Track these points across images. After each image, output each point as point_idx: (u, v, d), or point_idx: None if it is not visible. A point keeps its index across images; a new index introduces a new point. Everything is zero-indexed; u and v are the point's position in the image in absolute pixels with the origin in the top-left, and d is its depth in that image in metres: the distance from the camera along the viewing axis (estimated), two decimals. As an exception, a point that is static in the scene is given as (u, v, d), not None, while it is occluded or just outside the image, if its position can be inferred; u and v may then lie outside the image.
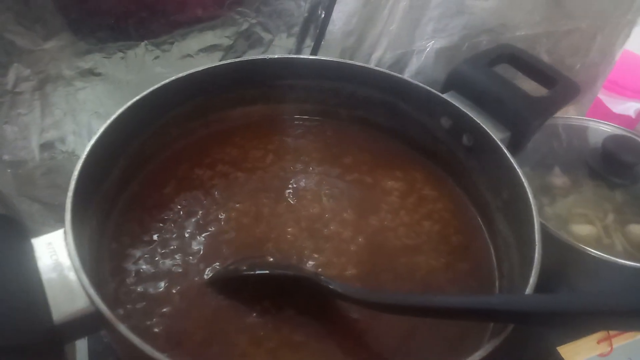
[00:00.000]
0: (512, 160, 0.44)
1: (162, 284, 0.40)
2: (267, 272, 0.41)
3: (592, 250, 0.52)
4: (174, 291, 0.40)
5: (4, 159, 0.60)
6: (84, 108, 0.60)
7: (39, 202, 0.65)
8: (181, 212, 0.46)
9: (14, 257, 0.31)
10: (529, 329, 0.49)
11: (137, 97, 0.45)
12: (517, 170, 0.44)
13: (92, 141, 0.40)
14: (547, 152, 0.75)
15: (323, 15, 0.64)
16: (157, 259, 0.42)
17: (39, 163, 0.62)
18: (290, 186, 0.50)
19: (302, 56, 0.55)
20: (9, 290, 0.29)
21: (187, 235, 0.44)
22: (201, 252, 0.43)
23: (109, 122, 0.42)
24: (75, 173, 0.37)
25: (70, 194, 0.35)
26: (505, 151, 0.45)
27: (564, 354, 0.55)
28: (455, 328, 0.39)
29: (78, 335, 0.31)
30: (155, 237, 0.43)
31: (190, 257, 0.42)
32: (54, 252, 0.32)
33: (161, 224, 0.44)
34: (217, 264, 0.42)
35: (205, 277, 0.41)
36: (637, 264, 0.51)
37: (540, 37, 0.81)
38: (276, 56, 0.53)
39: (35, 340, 0.27)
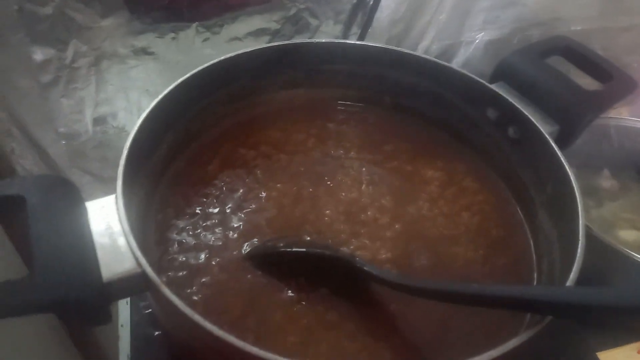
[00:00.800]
0: (560, 154, 0.43)
1: (203, 255, 0.42)
2: (303, 250, 0.41)
3: (638, 256, 0.50)
4: (213, 263, 0.41)
5: (59, 131, 0.63)
6: (135, 85, 0.62)
7: (89, 174, 0.68)
8: (223, 189, 0.47)
9: (70, 217, 0.32)
10: (569, 332, 0.48)
11: (186, 76, 0.46)
12: (565, 165, 0.43)
13: (143, 116, 0.41)
14: (596, 153, 0.72)
15: (372, 2, 0.64)
16: (199, 231, 0.43)
17: (92, 136, 0.65)
18: (330, 170, 0.50)
19: (347, 41, 0.55)
20: (63, 248, 0.30)
21: (228, 210, 0.45)
22: (241, 228, 0.44)
23: (158, 99, 0.43)
24: (127, 144, 0.38)
25: (122, 162, 0.37)
26: (554, 145, 0.44)
27: (604, 359, 0.53)
28: (492, 319, 0.39)
29: (124, 294, 0.33)
30: (198, 210, 0.45)
31: (230, 232, 0.43)
32: (106, 216, 0.34)
33: (204, 199, 0.46)
34: (256, 239, 0.43)
35: (243, 251, 0.42)
36: (686, 273, 0.49)
37: (596, 33, 0.78)
38: (322, 40, 0.53)
39: (85, 296, 0.29)
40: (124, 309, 0.47)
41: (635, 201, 0.66)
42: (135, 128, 0.41)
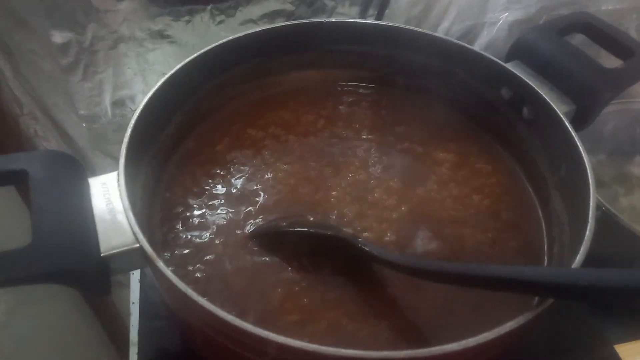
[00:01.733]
0: (573, 134, 0.41)
1: (207, 234, 0.42)
2: (305, 229, 0.41)
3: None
4: (217, 241, 0.42)
5: (80, 113, 0.65)
6: (152, 69, 0.63)
7: (110, 157, 0.70)
8: (231, 169, 0.47)
9: (72, 192, 0.33)
10: (586, 324, 0.47)
11: (195, 54, 0.46)
12: (580, 146, 0.41)
13: (150, 93, 0.42)
14: (627, 139, 0.69)
15: (388, -18, 0.63)
16: (204, 210, 0.44)
17: (111, 119, 0.66)
18: (339, 151, 0.50)
19: (359, 20, 0.54)
20: (63, 221, 0.31)
21: (234, 190, 0.45)
22: (246, 208, 0.44)
23: (167, 76, 0.44)
24: (132, 121, 0.39)
25: (126, 140, 0.38)
26: (568, 125, 0.42)
27: (622, 352, 0.51)
28: (496, 302, 0.38)
29: (123, 269, 0.33)
30: (205, 190, 0.45)
31: (236, 212, 0.44)
32: (107, 192, 0.35)
33: (211, 179, 0.46)
34: (260, 219, 0.43)
35: (247, 231, 0.42)
36: None
37: (629, 12, 0.75)
38: (333, 19, 0.52)
39: (83, 268, 0.30)
40: (135, 286, 0.48)
41: (669, 189, 0.63)
42: (144, 102, 0.42)
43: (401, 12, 0.68)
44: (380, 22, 0.53)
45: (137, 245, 0.32)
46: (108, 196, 0.34)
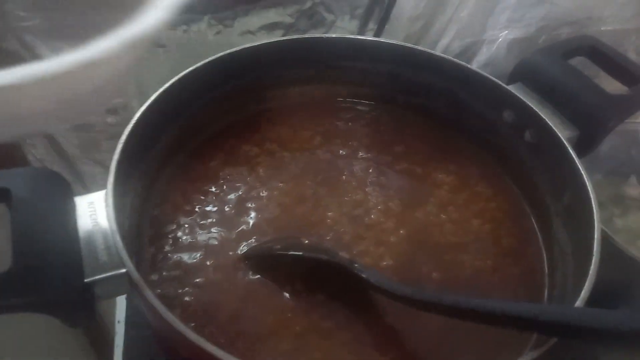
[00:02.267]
0: (577, 161, 0.40)
1: (198, 255, 0.41)
2: (300, 253, 0.40)
3: (664, 271, 0.47)
4: (208, 263, 0.40)
5: (70, 121, 0.63)
6: (147, 77, 0.62)
7: (101, 165, 0.68)
8: (224, 187, 0.46)
9: (56, 213, 0.32)
10: (577, 349, 0.46)
11: (192, 67, 0.45)
12: (583, 172, 0.40)
13: (144, 107, 0.40)
14: (625, 160, 0.68)
15: (389, -3, 0.62)
16: (195, 229, 0.42)
17: (103, 128, 0.65)
18: (335, 170, 0.48)
19: (360, 37, 0.53)
20: (45, 244, 0.30)
21: (227, 209, 0.44)
22: (239, 228, 0.43)
23: (162, 89, 0.42)
24: (124, 137, 0.38)
25: (116, 156, 0.36)
26: (571, 151, 0.41)
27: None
28: (493, 335, 0.37)
29: (108, 295, 0.32)
30: (196, 208, 0.44)
31: (228, 232, 0.42)
32: (94, 212, 0.33)
33: (203, 197, 0.44)
34: (253, 240, 0.42)
35: (239, 252, 0.41)
36: None
37: (630, 34, 0.74)
38: (334, 35, 0.51)
39: (65, 297, 0.28)
40: (122, 304, 0.46)
41: (664, 211, 0.62)
42: (136, 117, 0.40)
43: (401, 28, 0.67)
44: (382, 40, 0.52)
45: (124, 270, 0.31)
46: (95, 217, 0.33)
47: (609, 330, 0.27)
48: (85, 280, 0.30)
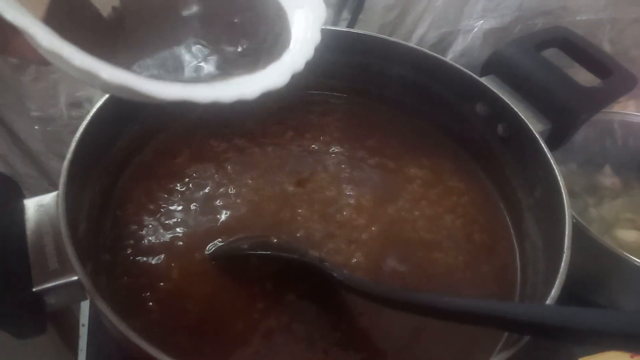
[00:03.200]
0: (549, 155, 0.40)
1: (162, 257, 0.39)
2: (268, 253, 0.39)
3: (636, 259, 0.47)
4: (173, 265, 0.39)
5: (32, 115, 0.60)
6: (111, 69, 0.59)
7: (66, 160, 0.65)
8: (190, 184, 0.44)
9: (2, 216, 0.30)
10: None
11: (153, 61, 0.43)
12: (554, 166, 0.40)
13: (101, 101, 0.38)
14: (599, 150, 0.69)
15: (362, -14, 0.60)
16: (160, 230, 0.41)
17: (67, 121, 0.62)
18: (307, 166, 0.47)
19: (331, 27, 0.51)
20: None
21: (193, 208, 0.42)
22: (206, 227, 0.41)
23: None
24: (77, 135, 0.36)
25: (68, 156, 0.34)
26: (543, 144, 0.41)
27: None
28: (465, 333, 0.36)
29: (61, 303, 0.30)
30: (161, 207, 0.42)
31: (194, 231, 0.41)
32: (46, 214, 0.31)
33: (168, 195, 0.43)
34: (220, 240, 0.40)
35: (206, 253, 0.40)
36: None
37: (604, 23, 0.74)
38: (303, 26, 0.49)
39: (10, 308, 0.26)
40: (85, 308, 0.45)
41: (638, 200, 0.63)
42: (91, 114, 0.38)
43: (376, 17, 0.66)
44: (353, 30, 0.50)
45: (75, 277, 0.29)
46: (46, 219, 0.31)
47: (577, 329, 0.26)
48: (34, 289, 0.28)
